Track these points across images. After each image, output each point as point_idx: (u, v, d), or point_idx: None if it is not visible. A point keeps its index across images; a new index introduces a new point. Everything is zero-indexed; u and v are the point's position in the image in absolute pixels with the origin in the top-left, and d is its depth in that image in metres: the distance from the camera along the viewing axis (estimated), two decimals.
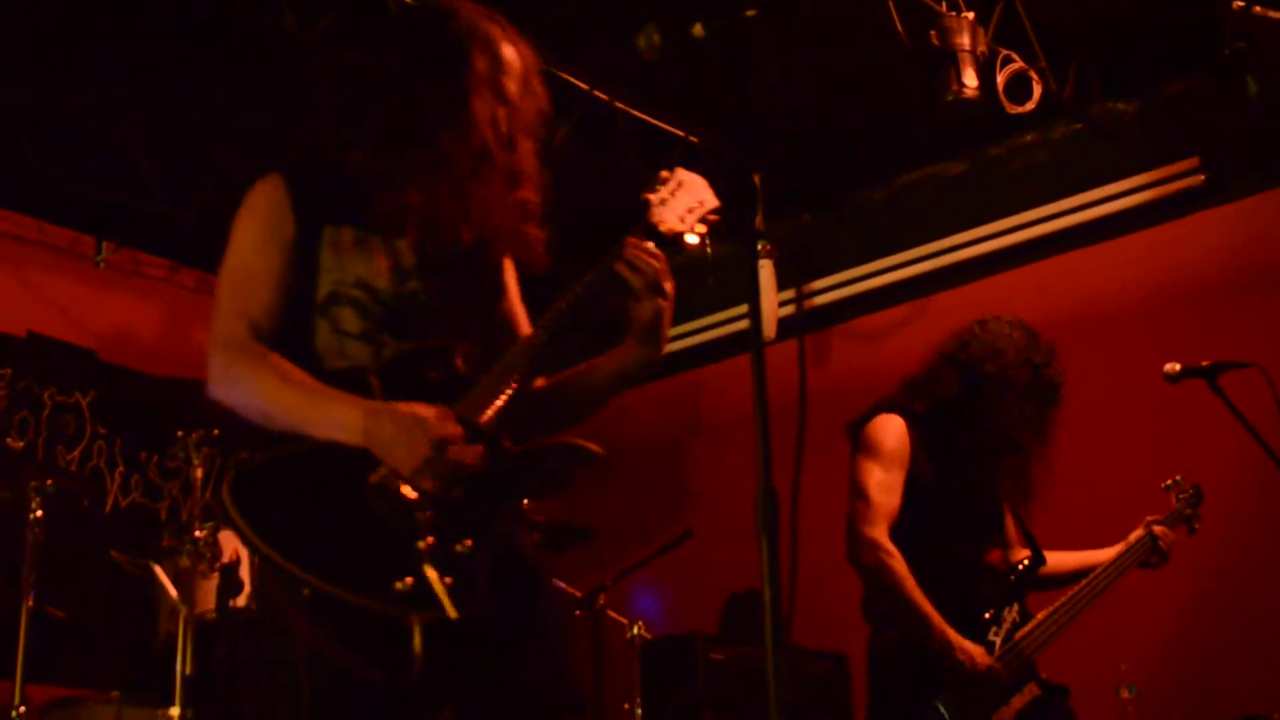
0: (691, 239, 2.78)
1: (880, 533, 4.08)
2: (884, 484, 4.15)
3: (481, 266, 2.90)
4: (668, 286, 2.69)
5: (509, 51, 2.84)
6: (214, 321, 2.76)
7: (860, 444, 4.25)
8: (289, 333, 2.72)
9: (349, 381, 2.63)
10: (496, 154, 2.79)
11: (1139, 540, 4.50)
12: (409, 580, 2.44)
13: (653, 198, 2.77)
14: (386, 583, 2.43)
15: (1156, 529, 4.51)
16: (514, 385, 2.61)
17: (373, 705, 2.51)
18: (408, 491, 2.49)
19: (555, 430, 2.80)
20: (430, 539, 2.48)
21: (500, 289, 2.97)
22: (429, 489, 2.50)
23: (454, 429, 2.51)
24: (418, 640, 2.43)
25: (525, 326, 2.95)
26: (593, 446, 2.64)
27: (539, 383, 2.82)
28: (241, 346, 2.69)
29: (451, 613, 2.42)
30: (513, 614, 2.64)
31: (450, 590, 2.44)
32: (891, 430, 4.24)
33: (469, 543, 2.51)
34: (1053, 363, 4.31)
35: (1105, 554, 4.48)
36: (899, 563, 4.03)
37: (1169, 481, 4.70)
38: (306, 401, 2.60)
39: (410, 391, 2.60)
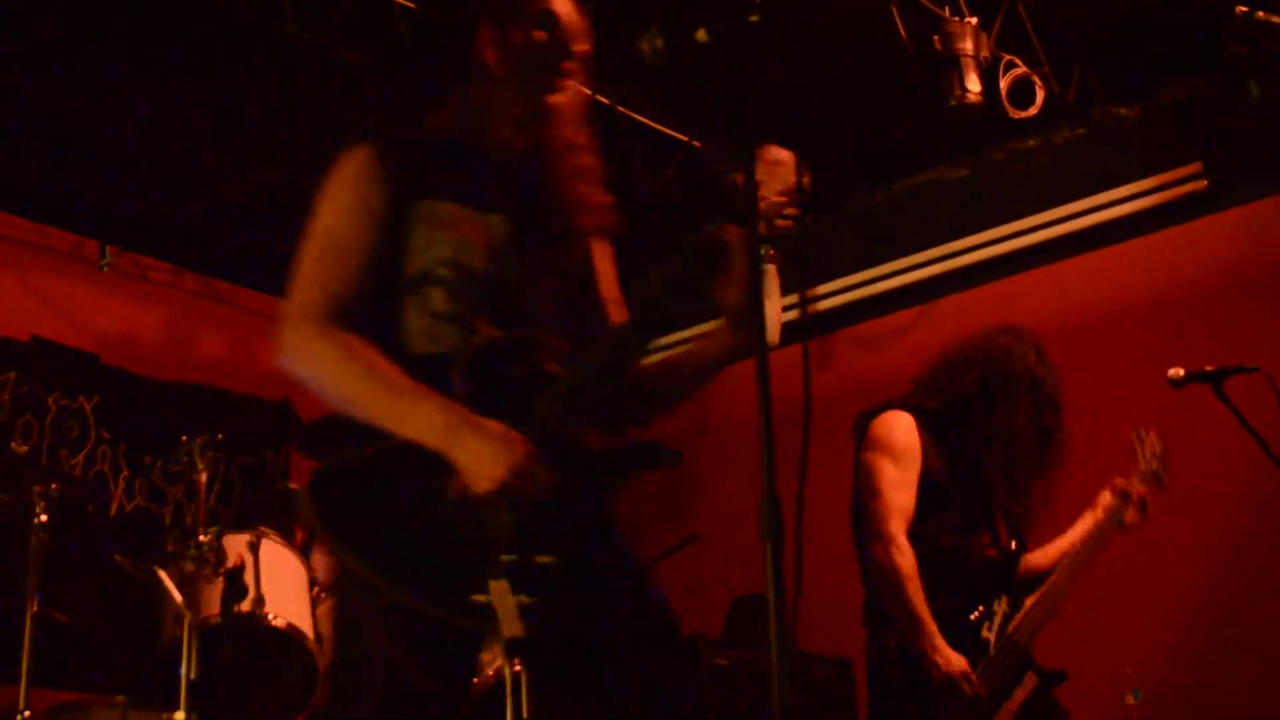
0: (783, 223, 2.61)
1: (898, 529, 4.09)
2: (898, 481, 4.16)
3: (574, 245, 2.79)
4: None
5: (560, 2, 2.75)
6: (293, 291, 2.62)
7: (868, 440, 4.25)
8: (375, 312, 2.61)
9: (432, 369, 2.53)
10: (554, 103, 2.72)
11: (1108, 506, 4.48)
12: (487, 597, 2.36)
13: (740, 179, 2.53)
14: (465, 595, 2.36)
15: (1119, 482, 4.50)
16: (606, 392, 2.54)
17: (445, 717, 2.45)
18: (497, 499, 2.43)
19: (641, 417, 2.73)
20: (510, 551, 2.40)
21: (593, 270, 2.85)
22: (503, 506, 2.44)
23: (536, 462, 2.43)
24: (492, 653, 2.39)
25: (617, 312, 2.85)
26: (673, 449, 2.59)
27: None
28: (322, 322, 2.57)
29: (507, 632, 2.33)
30: (601, 625, 2.56)
31: (527, 606, 2.35)
32: (901, 426, 4.25)
33: (548, 558, 2.42)
34: (1055, 392, 4.33)
35: (1077, 530, 4.48)
36: (908, 561, 4.04)
37: (1132, 436, 4.68)
38: (393, 397, 2.50)
39: (494, 386, 2.53)
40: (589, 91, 2.79)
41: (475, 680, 2.41)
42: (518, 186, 2.73)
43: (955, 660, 3.98)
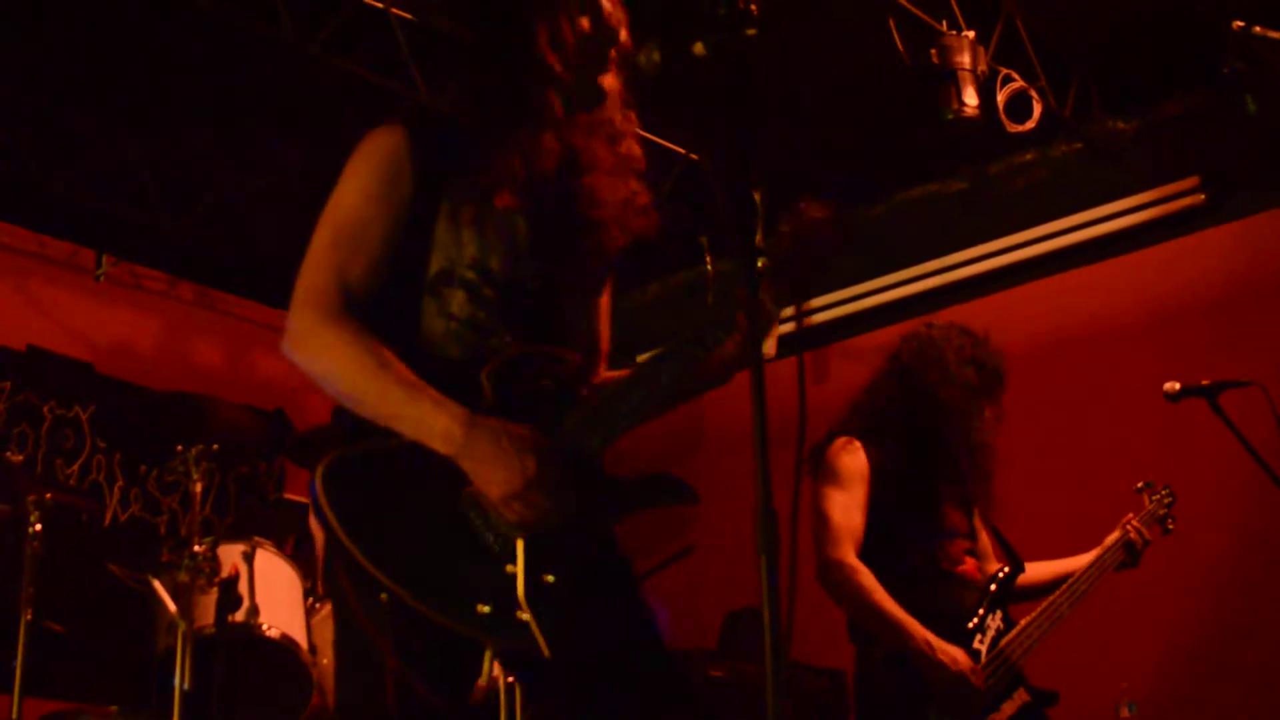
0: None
1: (845, 552, 4.10)
2: (845, 505, 4.18)
3: (592, 257, 2.69)
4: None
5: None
6: (304, 273, 2.49)
7: (819, 471, 4.27)
8: (392, 308, 2.51)
9: (457, 376, 2.45)
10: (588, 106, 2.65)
11: (1115, 541, 4.51)
12: (489, 608, 2.31)
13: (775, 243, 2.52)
14: (469, 604, 2.31)
15: (1131, 526, 4.52)
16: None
17: None
18: (508, 511, 2.37)
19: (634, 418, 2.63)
20: (518, 566, 2.35)
21: (602, 286, 2.79)
22: (513, 519, 2.37)
23: (552, 476, 2.37)
24: (487, 666, 2.32)
25: (607, 335, 2.81)
26: (690, 487, 2.56)
27: (625, 372, 2.67)
28: (331, 311, 2.44)
29: (546, 652, 2.30)
30: (595, 648, 2.49)
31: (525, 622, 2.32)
32: (844, 451, 4.28)
33: (551, 577, 2.38)
34: (991, 353, 4.39)
35: (1083, 559, 4.50)
36: (866, 576, 4.06)
37: (1140, 484, 4.71)
38: (403, 398, 2.38)
39: (520, 396, 2.46)
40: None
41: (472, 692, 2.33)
42: (548, 190, 2.62)
43: (961, 656, 3.99)
